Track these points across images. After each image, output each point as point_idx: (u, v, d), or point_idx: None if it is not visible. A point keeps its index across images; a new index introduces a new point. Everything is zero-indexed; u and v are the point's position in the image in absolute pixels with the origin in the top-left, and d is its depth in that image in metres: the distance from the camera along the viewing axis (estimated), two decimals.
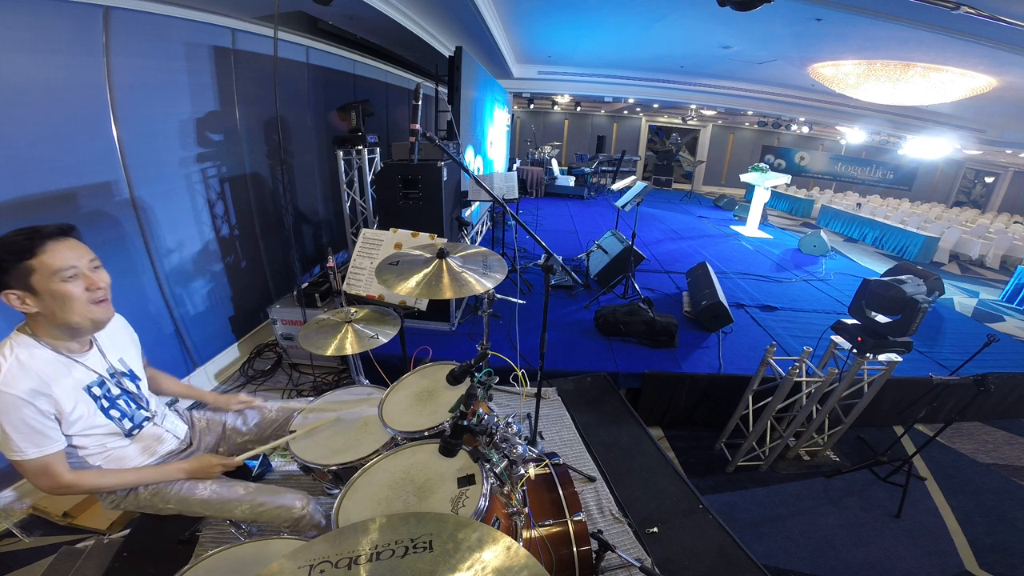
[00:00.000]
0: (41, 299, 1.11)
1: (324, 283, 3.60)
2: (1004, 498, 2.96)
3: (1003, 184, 13.66)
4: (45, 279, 1.09)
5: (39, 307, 1.12)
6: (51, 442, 1.14)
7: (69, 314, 1.14)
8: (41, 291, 1.10)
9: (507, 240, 5.74)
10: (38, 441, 1.11)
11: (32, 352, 1.13)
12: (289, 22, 3.87)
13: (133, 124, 2.59)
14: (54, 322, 1.15)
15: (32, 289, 1.09)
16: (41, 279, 1.09)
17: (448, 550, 0.75)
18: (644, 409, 3.28)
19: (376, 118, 4.99)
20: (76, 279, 1.14)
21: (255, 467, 2.22)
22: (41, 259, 1.08)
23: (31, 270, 1.08)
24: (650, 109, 14.07)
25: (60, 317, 1.14)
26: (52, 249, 1.10)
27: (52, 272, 1.09)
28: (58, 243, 1.12)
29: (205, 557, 1.13)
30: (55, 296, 1.11)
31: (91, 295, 1.17)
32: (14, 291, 1.09)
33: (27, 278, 1.08)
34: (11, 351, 1.11)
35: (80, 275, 1.14)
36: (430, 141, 1.83)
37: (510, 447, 1.17)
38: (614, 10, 5.11)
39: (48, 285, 1.10)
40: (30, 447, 1.10)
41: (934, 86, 5.83)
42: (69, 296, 1.13)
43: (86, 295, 1.16)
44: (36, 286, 1.09)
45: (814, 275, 6.32)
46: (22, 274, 1.08)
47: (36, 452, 1.11)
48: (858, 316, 2.57)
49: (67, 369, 1.19)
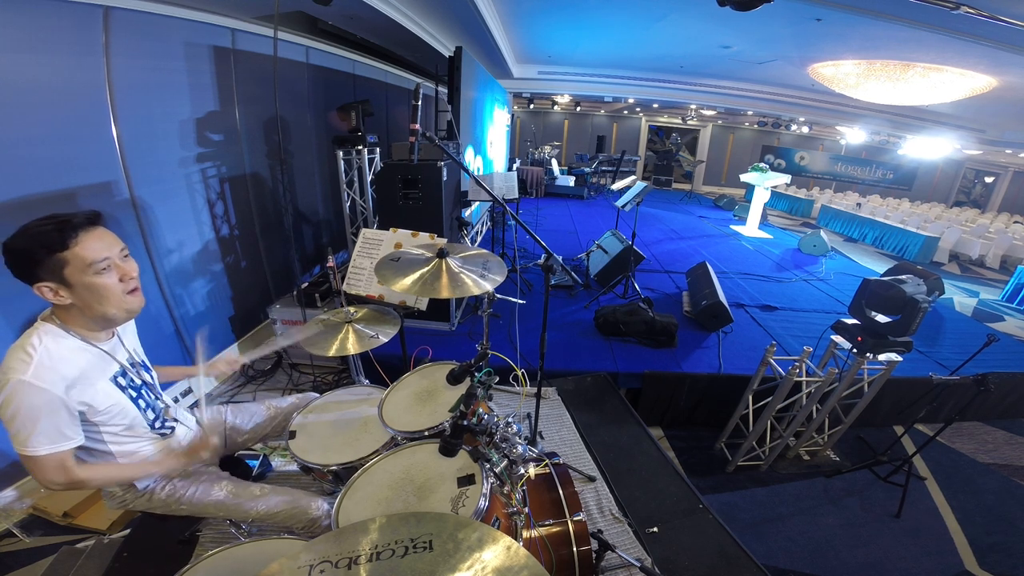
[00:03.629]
0: (75, 291, 1.08)
1: (324, 283, 3.60)
2: (1004, 498, 2.96)
3: (1003, 184, 13.66)
4: (79, 272, 1.07)
5: (74, 299, 1.09)
6: (66, 439, 1.10)
7: (106, 306, 1.12)
8: (75, 283, 1.07)
9: (507, 240, 5.74)
10: (55, 438, 1.08)
11: (60, 342, 1.11)
12: (289, 22, 3.87)
13: (133, 124, 2.59)
14: (90, 314, 1.12)
15: (66, 282, 1.07)
16: (75, 272, 1.06)
17: (448, 550, 0.75)
18: (644, 409, 3.28)
19: (376, 118, 4.99)
20: (110, 271, 1.11)
21: (255, 467, 2.22)
22: (74, 251, 1.05)
23: (64, 263, 1.05)
24: (650, 109, 14.07)
25: (97, 309, 1.12)
26: (84, 240, 1.07)
27: (86, 265, 1.07)
28: (89, 233, 1.08)
29: (205, 557, 1.12)
30: (90, 289, 1.09)
31: (124, 285, 1.15)
32: (47, 283, 1.06)
33: (60, 271, 1.05)
34: (40, 341, 1.07)
35: (113, 266, 1.12)
36: (430, 141, 1.83)
37: (510, 447, 1.17)
38: (614, 10, 5.11)
39: (82, 278, 1.07)
40: (44, 443, 1.07)
41: (934, 86, 5.83)
42: (105, 288, 1.10)
43: (121, 286, 1.14)
44: (70, 279, 1.06)
45: (814, 275, 6.32)
46: (55, 267, 1.05)
47: (49, 448, 1.07)
48: (858, 316, 2.57)
49: (95, 359, 1.17)
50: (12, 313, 2.08)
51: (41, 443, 1.06)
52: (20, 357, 1.04)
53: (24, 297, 2.04)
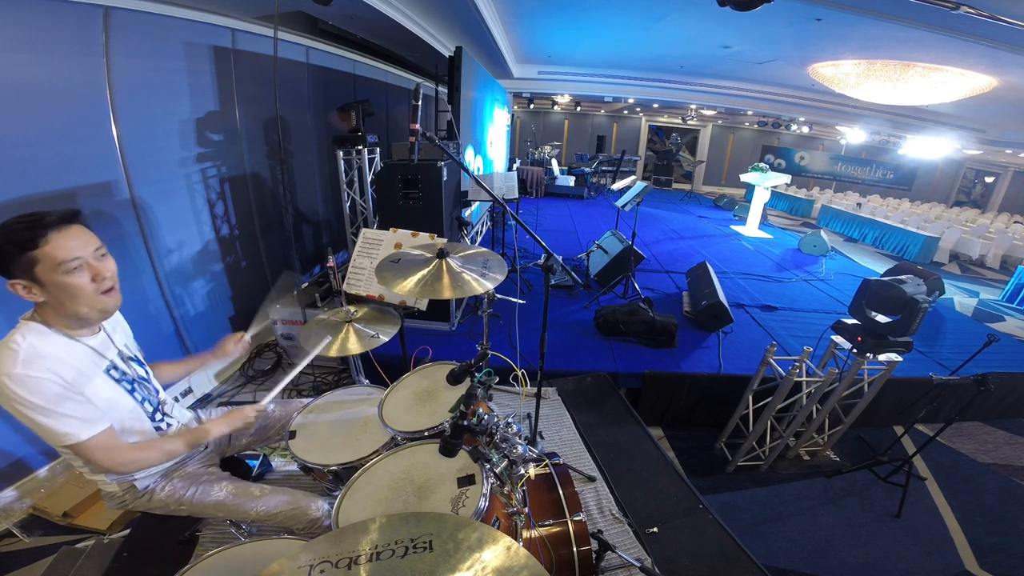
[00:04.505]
0: (47, 290, 1.08)
1: (324, 283, 3.60)
2: (1004, 498, 2.96)
3: (1003, 184, 13.66)
4: (49, 271, 1.06)
5: (46, 297, 1.09)
6: (98, 420, 1.11)
7: (77, 305, 1.12)
8: (46, 282, 1.07)
9: (507, 240, 5.74)
10: (86, 416, 1.09)
11: (45, 339, 1.11)
12: (289, 22, 3.87)
13: (133, 124, 2.59)
14: (63, 312, 1.13)
15: (37, 280, 1.07)
16: (45, 270, 1.06)
17: (448, 550, 0.75)
18: (644, 409, 3.28)
19: (376, 118, 4.98)
20: (81, 270, 1.10)
21: (255, 467, 2.22)
22: (44, 250, 1.04)
23: (35, 261, 1.05)
24: (650, 109, 14.07)
25: (69, 308, 1.12)
26: (55, 239, 1.06)
27: (56, 264, 1.06)
28: (61, 232, 1.07)
29: (205, 557, 1.12)
30: (61, 288, 1.08)
31: (98, 285, 1.13)
32: (20, 281, 1.06)
33: (31, 269, 1.05)
34: (23, 338, 1.07)
35: (85, 265, 1.11)
36: (430, 141, 1.83)
37: (510, 447, 1.17)
38: (614, 10, 5.11)
39: (52, 277, 1.07)
40: (80, 428, 1.07)
41: (934, 86, 5.83)
42: (76, 287, 1.09)
43: (93, 286, 1.12)
44: (41, 277, 1.06)
45: (814, 275, 6.32)
46: (26, 265, 1.05)
47: (89, 431, 1.08)
48: (858, 316, 2.56)
49: (83, 355, 1.17)
50: (12, 312, 2.08)
51: (76, 430, 1.08)
52: (5, 354, 1.04)
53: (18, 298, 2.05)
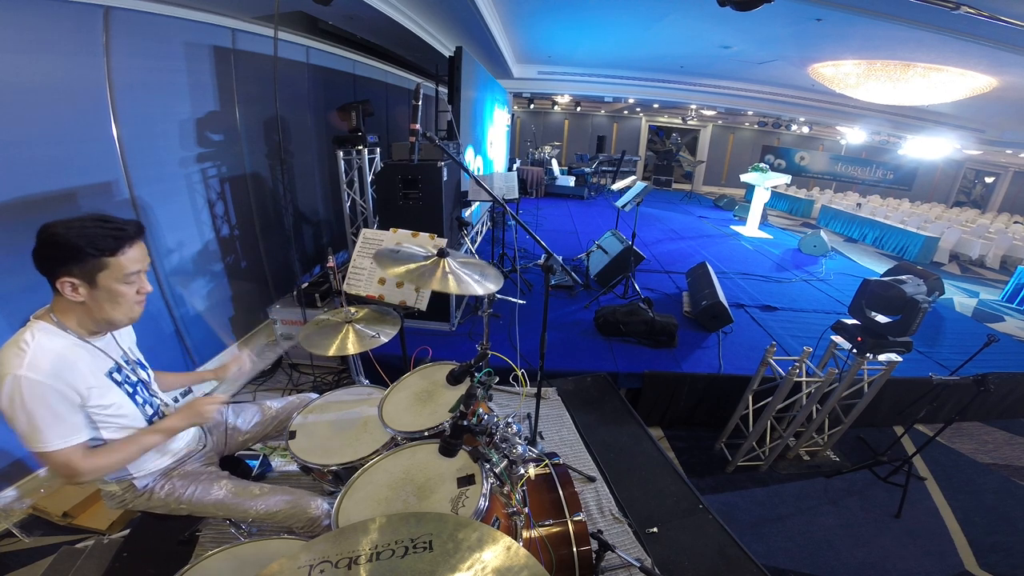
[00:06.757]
0: (95, 293, 1.12)
1: (324, 283, 3.60)
2: (1004, 498, 2.96)
3: (1003, 184, 13.66)
4: (112, 277, 1.12)
5: (88, 299, 1.12)
6: (76, 433, 1.12)
7: (116, 311, 1.17)
8: (101, 286, 1.12)
9: (507, 240, 5.74)
10: (63, 432, 1.09)
11: (54, 339, 1.12)
12: (289, 22, 3.87)
13: (133, 124, 2.59)
14: (98, 315, 1.16)
15: (94, 283, 1.11)
16: (108, 276, 1.11)
17: (448, 550, 0.75)
18: (644, 409, 3.28)
19: (376, 118, 4.99)
20: (135, 281, 1.18)
21: (255, 467, 2.22)
22: (119, 259, 1.12)
23: (104, 266, 1.10)
24: (650, 109, 14.06)
25: (107, 311, 1.16)
26: (130, 251, 1.14)
27: (122, 273, 1.13)
28: (134, 246, 1.16)
29: (205, 557, 1.13)
30: (111, 293, 1.14)
31: (138, 296, 1.21)
32: (73, 279, 1.09)
33: (96, 273, 1.10)
34: (33, 337, 1.08)
35: (139, 278, 1.19)
36: (430, 141, 1.83)
37: (510, 447, 1.17)
38: (614, 10, 5.11)
39: (111, 283, 1.12)
40: (55, 438, 1.07)
41: (934, 86, 5.83)
42: (123, 295, 1.16)
43: (136, 296, 1.20)
44: (100, 281, 1.11)
45: (814, 275, 6.32)
46: (94, 268, 1.09)
47: (61, 443, 1.08)
48: (858, 316, 2.57)
49: (89, 356, 1.19)
50: (12, 312, 2.08)
51: (51, 439, 1.07)
52: (14, 352, 1.05)
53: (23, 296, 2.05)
